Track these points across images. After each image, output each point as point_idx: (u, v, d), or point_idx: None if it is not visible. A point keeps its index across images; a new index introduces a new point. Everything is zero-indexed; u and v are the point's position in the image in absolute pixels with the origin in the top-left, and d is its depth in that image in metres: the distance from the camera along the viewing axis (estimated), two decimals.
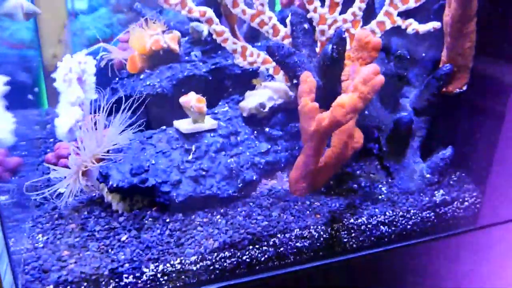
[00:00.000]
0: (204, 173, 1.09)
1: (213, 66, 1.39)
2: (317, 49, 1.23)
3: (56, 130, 1.41)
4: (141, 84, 1.38)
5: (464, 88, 1.27)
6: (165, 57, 1.42)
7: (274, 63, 1.25)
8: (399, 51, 1.19)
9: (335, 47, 1.08)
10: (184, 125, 1.15)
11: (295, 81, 1.13)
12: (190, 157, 1.10)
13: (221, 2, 1.34)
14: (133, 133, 1.20)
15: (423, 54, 1.32)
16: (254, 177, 1.14)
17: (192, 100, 1.13)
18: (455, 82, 1.27)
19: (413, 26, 1.20)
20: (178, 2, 1.19)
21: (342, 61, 1.12)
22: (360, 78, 1.04)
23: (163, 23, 1.46)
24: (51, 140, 1.48)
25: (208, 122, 1.16)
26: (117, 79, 1.48)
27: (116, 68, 1.57)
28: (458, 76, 1.26)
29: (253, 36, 1.58)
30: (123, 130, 1.17)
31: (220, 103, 1.37)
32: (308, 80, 1.09)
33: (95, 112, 1.41)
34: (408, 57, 1.19)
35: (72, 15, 3.38)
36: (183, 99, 1.14)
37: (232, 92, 1.41)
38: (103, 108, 1.12)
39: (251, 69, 1.32)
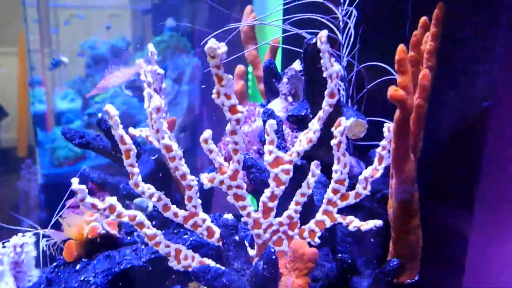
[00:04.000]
0: None
1: (153, 256, 1.31)
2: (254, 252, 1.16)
3: None
4: (75, 278, 1.29)
5: (416, 278, 1.19)
6: (103, 242, 1.35)
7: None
8: (339, 255, 1.12)
9: (265, 267, 1.01)
10: None
11: None
12: None
13: None
14: None
15: (372, 240, 1.26)
16: None
17: None
18: (405, 273, 1.19)
19: (354, 223, 1.14)
20: (107, 207, 1.13)
21: (275, 277, 1.04)
22: None
23: None
24: None
25: None
26: (53, 264, 1.39)
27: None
28: (408, 267, 1.19)
29: None
30: None
31: None
32: None
33: None
34: (350, 261, 1.12)
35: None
36: None
37: (175, 280, 1.32)
38: None
39: None
